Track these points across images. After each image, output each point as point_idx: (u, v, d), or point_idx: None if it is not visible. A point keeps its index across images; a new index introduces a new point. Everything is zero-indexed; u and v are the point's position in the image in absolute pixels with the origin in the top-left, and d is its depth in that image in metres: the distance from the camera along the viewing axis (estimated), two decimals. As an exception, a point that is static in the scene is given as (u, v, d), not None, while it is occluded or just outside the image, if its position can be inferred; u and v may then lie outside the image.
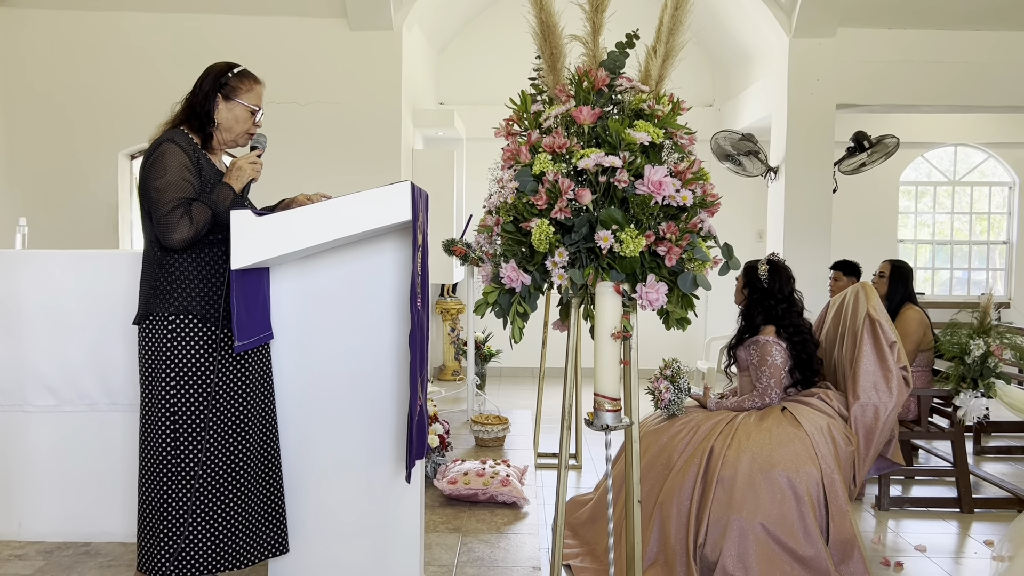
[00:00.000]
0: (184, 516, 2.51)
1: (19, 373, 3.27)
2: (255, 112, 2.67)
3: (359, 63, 6.31)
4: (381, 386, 2.79)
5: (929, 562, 3.40)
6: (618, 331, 2.06)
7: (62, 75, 6.32)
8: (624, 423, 2.11)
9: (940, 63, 6.36)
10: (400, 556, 2.82)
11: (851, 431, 3.26)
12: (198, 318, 2.52)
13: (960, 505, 4.08)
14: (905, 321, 4.45)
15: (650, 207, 2.02)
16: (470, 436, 5.11)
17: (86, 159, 6.35)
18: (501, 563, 3.13)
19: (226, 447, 2.56)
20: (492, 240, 2.27)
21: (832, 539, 3.01)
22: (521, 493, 3.80)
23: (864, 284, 3.55)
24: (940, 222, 8.81)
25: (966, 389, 3.97)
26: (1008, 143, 8.44)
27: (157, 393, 2.52)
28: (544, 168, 2.07)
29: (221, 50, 6.28)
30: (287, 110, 6.25)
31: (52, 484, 3.29)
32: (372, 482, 2.80)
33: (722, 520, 2.99)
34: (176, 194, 2.47)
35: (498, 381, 7.98)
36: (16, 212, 5.85)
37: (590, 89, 2.18)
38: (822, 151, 6.42)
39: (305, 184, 6.23)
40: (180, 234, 2.46)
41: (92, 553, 3.17)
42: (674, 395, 3.32)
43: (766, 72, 6.96)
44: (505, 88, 4.01)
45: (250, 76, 2.67)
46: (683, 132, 2.16)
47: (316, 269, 2.77)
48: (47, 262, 3.28)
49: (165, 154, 2.50)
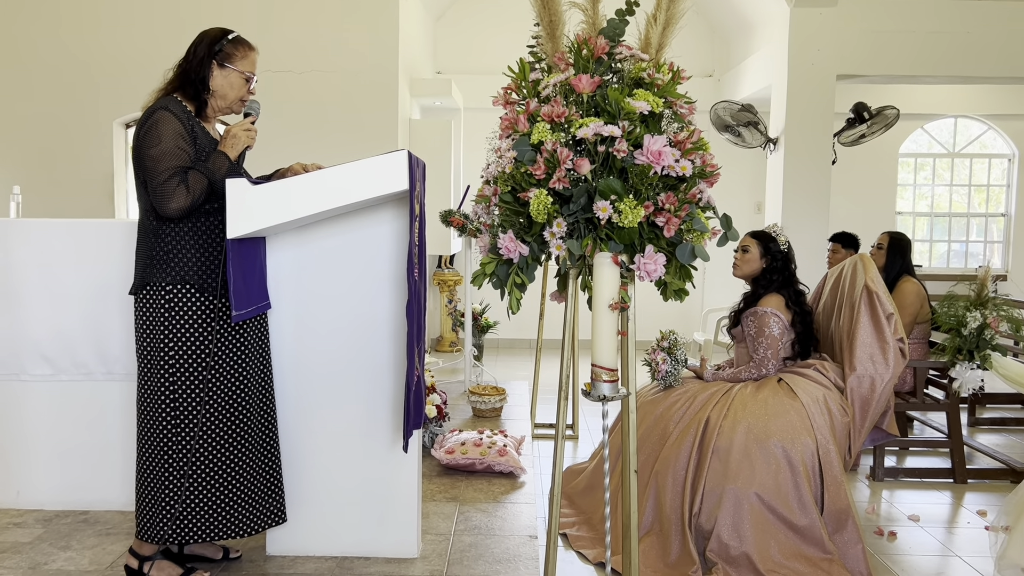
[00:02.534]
0: (183, 483, 2.53)
1: (15, 342, 3.26)
2: (249, 79, 2.64)
3: (355, 31, 6.24)
4: (378, 356, 2.79)
5: (922, 531, 3.43)
6: (616, 302, 2.06)
7: (55, 43, 6.25)
8: (621, 394, 2.12)
9: (941, 33, 6.30)
10: (398, 525, 2.84)
11: (847, 402, 3.27)
12: (195, 287, 2.52)
13: (954, 476, 4.11)
14: (902, 293, 4.45)
15: (649, 177, 2.01)
16: (467, 407, 5.13)
17: (80, 128, 6.30)
18: (498, 531, 3.15)
19: (225, 415, 2.57)
20: (490, 210, 2.25)
21: (826, 509, 3.03)
22: (518, 463, 3.82)
23: (862, 256, 3.55)
24: (939, 194, 8.78)
25: (962, 361, 3.99)
26: (1008, 115, 8.39)
27: (155, 363, 2.51)
28: (542, 137, 2.05)
29: (216, 17, 6.20)
30: (283, 79, 6.19)
31: (50, 453, 3.30)
32: (370, 452, 2.81)
33: (717, 490, 3.01)
34: (171, 163, 2.45)
35: (495, 352, 8.00)
36: (10, 181, 5.81)
37: (589, 57, 2.15)
38: (822, 122, 6.38)
39: (301, 154, 6.19)
40: (177, 203, 2.44)
41: (91, 521, 3.19)
42: (671, 366, 3.33)
43: (766, 42, 6.89)
44: (503, 57, 3.97)
45: (245, 42, 2.64)
46: (683, 102, 2.14)
47: (313, 239, 2.75)
48: (42, 231, 3.26)
49: (159, 122, 2.47)
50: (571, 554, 3.16)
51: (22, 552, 2.89)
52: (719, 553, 2.94)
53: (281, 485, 2.76)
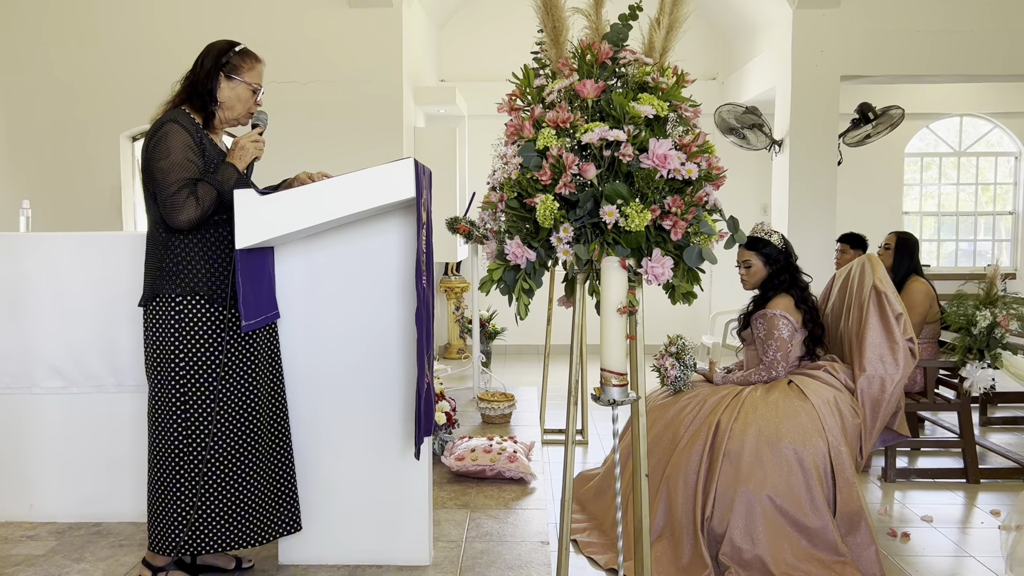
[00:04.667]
0: (195, 494, 2.53)
1: (26, 355, 3.28)
2: (256, 91, 2.65)
3: (359, 41, 6.26)
4: (388, 364, 2.79)
5: (936, 532, 3.42)
6: (624, 306, 2.06)
7: (63, 57, 6.29)
8: (631, 398, 2.12)
9: (945, 32, 6.29)
10: (409, 532, 2.84)
11: (857, 403, 3.26)
12: (205, 298, 2.53)
13: (966, 476, 4.09)
14: (911, 293, 4.44)
15: (655, 181, 2.01)
16: (476, 413, 5.12)
17: (88, 141, 6.34)
18: (510, 538, 3.15)
19: (236, 425, 2.58)
20: (496, 217, 2.26)
21: (839, 511, 3.02)
22: (528, 469, 3.82)
23: (870, 256, 3.54)
24: (946, 193, 8.76)
25: (972, 360, 3.97)
26: (1014, 113, 8.37)
27: (166, 374, 2.53)
28: (548, 143, 2.05)
29: (221, 29, 6.23)
30: (288, 89, 6.22)
31: (62, 465, 3.31)
32: (381, 459, 2.82)
33: (729, 493, 3.01)
34: (181, 175, 2.46)
35: (503, 359, 8.00)
36: (19, 195, 5.84)
37: (593, 62, 2.16)
38: (827, 123, 6.38)
39: (307, 164, 6.21)
40: (187, 215, 2.46)
41: (104, 533, 3.20)
42: (680, 371, 3.32)
43: (770, 44, 6.89)
44: (507, 64, 3.98)
45: (251, 54, 2.66)
46: (687, 105, 2.14)
47: (321, 248, 2.76)
48: (52, 244, 3.28)
49: (168, 134, 2.48)
50: (582, 560, 3.15)
51: (36, 565, 2.90)
52: (732, 557, 2.93)
53: (295, 493, 2.76)
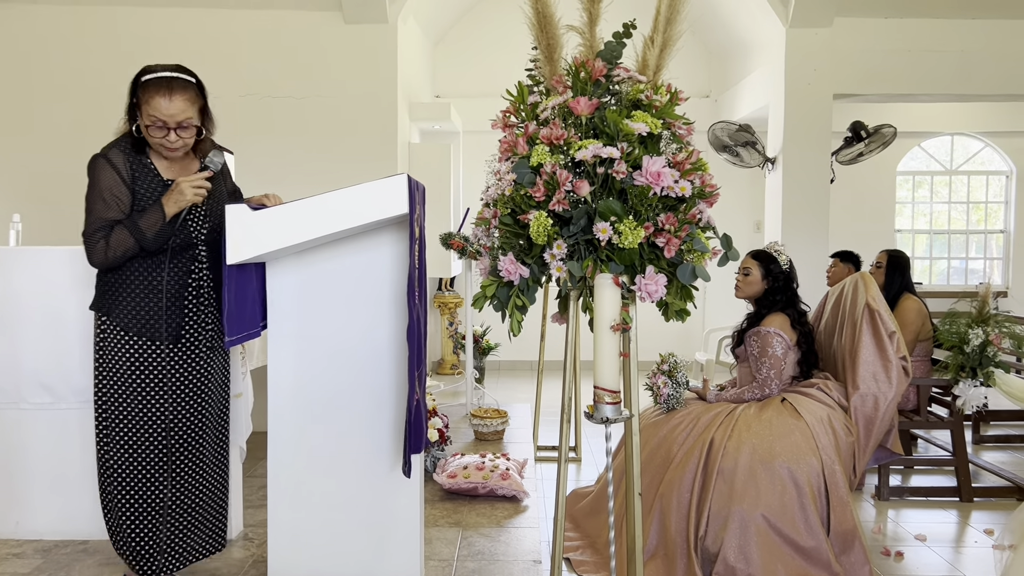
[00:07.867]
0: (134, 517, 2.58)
1: (14, 370, 3.25)
2: (160, 126, 2.39)
3: (354, 57, 6.27)
4: (379, 380, 2.77)
5: (929, 551, 3.40)
6: (617, 323, 2.05)
7: (55, 71, 6.28)
8: (624, 415, 2.10)
9: (937, 52, 6.34)
10: (400, 550, 2.81)
11: (851, 421, 3.25)
12: (121, 327, 2.52)
13: (960, 494, 4.08)
14: (903, 311, 4.44)
15: (649, 198, 2.01)
16: (469, 430, 5.10)
17: (80, 156, 6.30)
18: (502, 556, 3.12)
19: (154, 451, 2.58)
20: (490, 233, 2.25)
21: (833, 530, 3.01)
22: (521, 486, 3.79)
23: (863, 274, 3.54)
24: (937, 211, 8.80)
25: (965, 378, 3.97)
26: (1005, 132, 8.43)
27: (95, 389, 2.60)
28: (542, 160, 2.05)
29: (216, 44, 6.25)
30: (282, 104, 6.22)
31: (49, 482, 3.27)
32: (371, 476, 2.79)
33: (723, 512, 2.99)
34: (102, 214, 2.42)
35: (497, 375, 7.97)
36: (10, 209, 5.81)
37: (587, 80, 2.16)
38: (819, 141, 6.41)
39: (301, 180, 6.22)
40: (96, 258, 2.45)
41: (90, 551, 3.16)
42: (673, 389, 3.31)
43: (763, 62, 6.94)
44: (501, 80, 3.99)
45: (152, 85, 2.36)
46: (681, 122, 2.14)
47: (313, 263, 2.75)
48: (42, 259, 3.27)
49: (94, 170, 2.45)
50: (575, 578, 3.13)
51: (21, 583, 2.86)
52: (725, 576, 2.91)
53: (225, 514, 2.85)
